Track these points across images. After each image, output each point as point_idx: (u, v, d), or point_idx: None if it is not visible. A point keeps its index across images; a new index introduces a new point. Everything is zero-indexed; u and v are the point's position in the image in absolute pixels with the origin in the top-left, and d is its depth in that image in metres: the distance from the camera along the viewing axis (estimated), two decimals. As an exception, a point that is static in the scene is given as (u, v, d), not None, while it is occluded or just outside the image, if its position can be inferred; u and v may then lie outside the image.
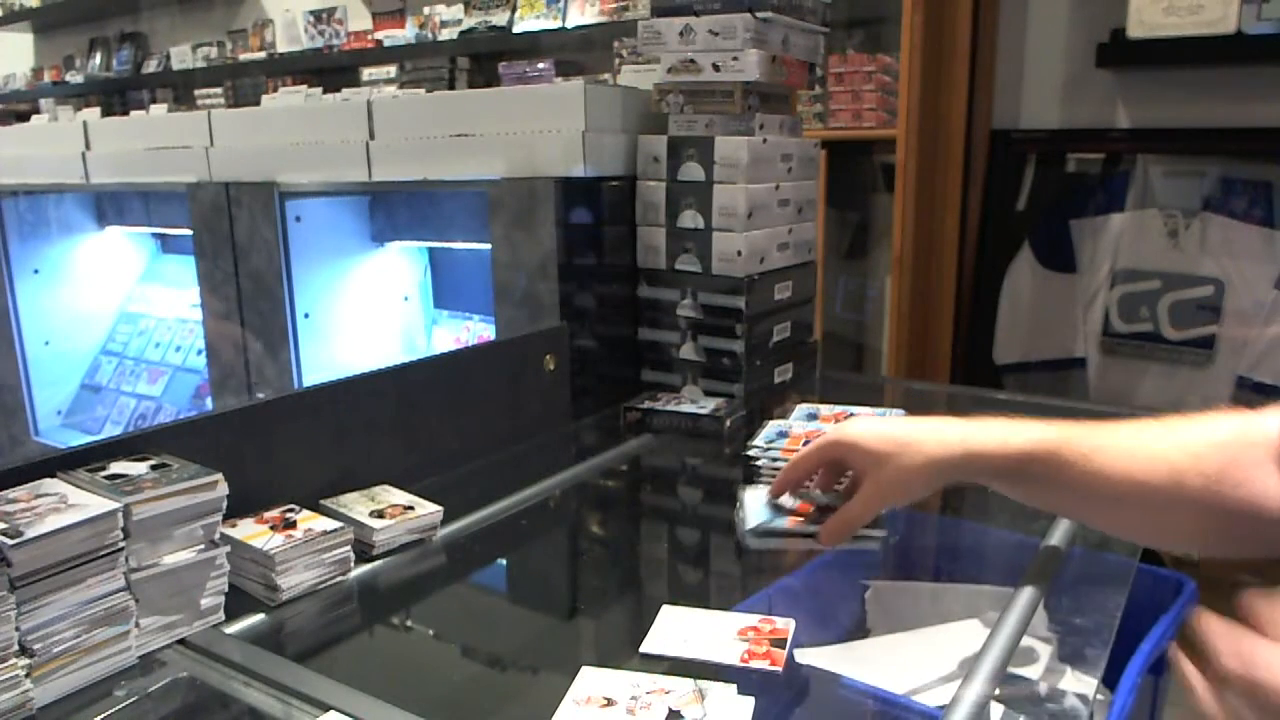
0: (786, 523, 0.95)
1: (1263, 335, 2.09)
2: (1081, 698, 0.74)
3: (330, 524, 0.93)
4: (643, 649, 0.78)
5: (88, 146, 2.25)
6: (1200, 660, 0.56)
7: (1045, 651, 0.83)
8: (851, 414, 1.26)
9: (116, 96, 5.27)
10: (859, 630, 0.92)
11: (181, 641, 0.80)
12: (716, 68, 1.44)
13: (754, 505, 0.99)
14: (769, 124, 1.50)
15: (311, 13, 4.23)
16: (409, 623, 0.93)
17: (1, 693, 0.68)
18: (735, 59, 1.42)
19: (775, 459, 1.13)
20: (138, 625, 0.77)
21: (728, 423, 1.40)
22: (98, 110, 3.15)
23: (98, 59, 5.33)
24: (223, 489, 0.81)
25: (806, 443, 1.13)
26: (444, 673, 0.86)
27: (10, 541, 0.67)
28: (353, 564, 0.94)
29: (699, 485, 1.35)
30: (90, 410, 2.60)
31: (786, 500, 0.99)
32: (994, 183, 2.42)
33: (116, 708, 0.73)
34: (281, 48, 4.40)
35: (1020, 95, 2.40)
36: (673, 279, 1.52)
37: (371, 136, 1.69)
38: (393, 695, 0.71)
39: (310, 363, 1.93)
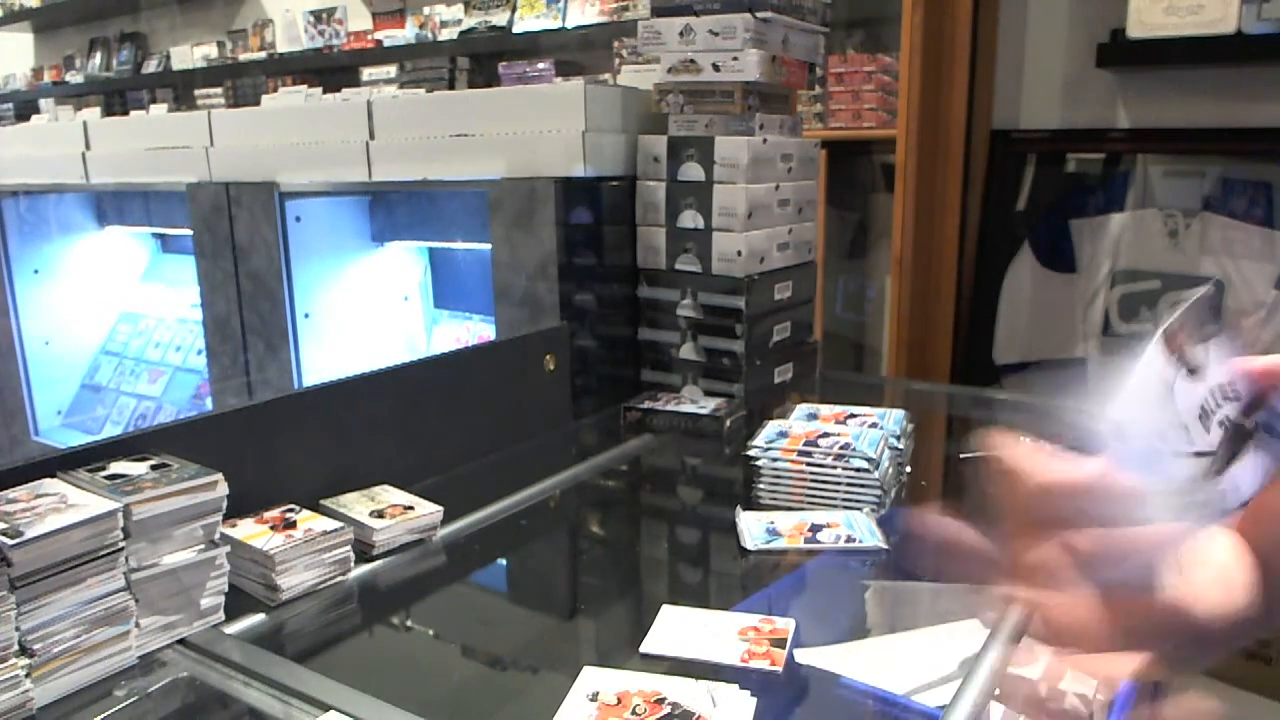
0: (783, 542, 0.99)
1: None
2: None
3: (330, 524, 0.93)
4: (643, 649, 0.78)
5: (88, 146, 2.25)
6: None
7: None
8: (852, 414, 1.26)
9: (116, 96, 5.27)
10: (859, 630, 0.92)
11: (181, 641, 0.80)
12: (716, 68, 1.44)
13: (752, 526, 1.02)
14: (769, 124, 1.50)
15: (311, 13, 4.23)
16: (409, 623, 0.93)
17: (1, 693, 0.68)
18: (735, 59, 1.42)
19: (775, 459, 1.13)
20: (138, 625, 0.77)
21: (728, 423, 1.40)
22: (98, 110, 3.14)
23: (98, 59, 5.33)
24: (223, 489, 0.81)
25: (807, 443, 1.13)
26: (444, 673, 0.86)
27: (10, 541, 0.67)
28: (353, 564, 0.94)
29: (699, 485, 1.35)
30: (90, 410, 2.60)
31: (782, 522, 1.03)
32: (994, 183, 2.42)
33: (116, 708, 0.73)
34: (281, 48, 4.40)
35: (1020, 95, 2.39)
36: (673, 279, 1.52)
37: (371, 136, 1.69)
38: (393, 695, 0.71)
39: (310, 363, 1.92)
